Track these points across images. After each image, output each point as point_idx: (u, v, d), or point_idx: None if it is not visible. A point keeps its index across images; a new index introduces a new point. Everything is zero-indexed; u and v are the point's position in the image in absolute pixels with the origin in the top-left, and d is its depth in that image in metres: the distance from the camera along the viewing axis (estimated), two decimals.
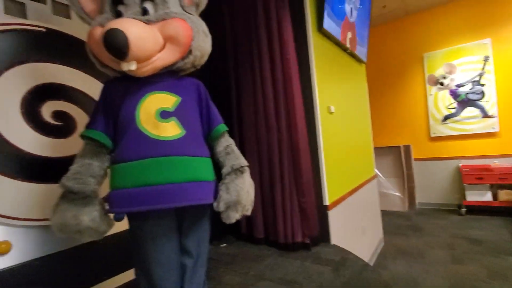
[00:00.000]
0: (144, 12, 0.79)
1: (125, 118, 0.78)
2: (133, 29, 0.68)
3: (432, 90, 3.47)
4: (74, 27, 1.19)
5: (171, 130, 0.78)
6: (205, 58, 0.90)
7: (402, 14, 3.51)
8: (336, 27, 1.72)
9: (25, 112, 1.02)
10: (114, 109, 0.81)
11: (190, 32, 0.79)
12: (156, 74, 0.82)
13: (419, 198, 3.65)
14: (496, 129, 3.12)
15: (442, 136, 3.45)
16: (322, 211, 1.49)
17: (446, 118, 3.40)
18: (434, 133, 3.49)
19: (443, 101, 3.42)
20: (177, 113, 0.80)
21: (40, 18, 1.12)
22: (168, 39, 0.77)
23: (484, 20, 3.13)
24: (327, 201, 1.50)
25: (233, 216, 0.85)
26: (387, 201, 3.63)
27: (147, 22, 0.75)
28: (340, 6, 1.75)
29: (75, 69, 1.18)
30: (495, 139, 3.17)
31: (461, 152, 3.34)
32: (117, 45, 0.66)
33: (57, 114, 1.10)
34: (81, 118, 1.16)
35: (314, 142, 1.52)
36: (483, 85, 3.17)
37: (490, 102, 3.14)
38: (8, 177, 0.95)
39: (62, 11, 1.18)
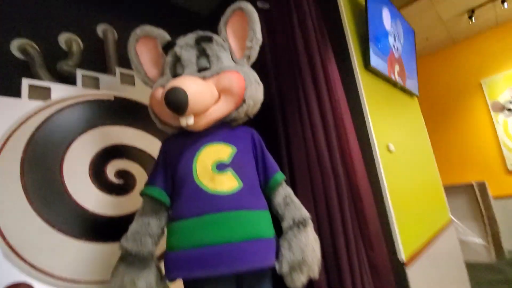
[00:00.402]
0: (200, 69, 0.83)
1: (182, 172, 0.77)
2: (191, 85, 0.70)
3: (499, 117, 3.08)
4: (138, 93, 1.32)
5: (228, 182, 0.75)
6: (258, 106, 0.89)
7: (449, 44, 3.35)
8: (382, 62, 1.67)
9: (92, 173, 1.09)
10: (172, 165, 0.81)
11: (243, 82, 0.80)
12: (211, 127, 0.82)
13: (507, 245, 3.00)
14: None
15: None
16: (398, 268, 1.26)
17: None
18: None
19: None
20: (233, 164, 0.77)
21: (110, 87, 1.26)
22: (223, 91, 0.78)
23: None
24: (403, 256, 1.27)
25: (298, 280, 0.74)
26: (468, 250, 3.05)
27: (204, 78, 0.78)
28: (384, 41, 1.72)
29: (138, 129, 1.28)
30: None
31: None
32: (177, 101, 0.68)
33: (119, 173, 1.15)
34: (140, 175, 1.20)
35: (377, 186, 1.36)
36: None
37: None
38: (73, 237, 0.98)
39: (128, 80, 1.32)
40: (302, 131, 1.51)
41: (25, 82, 1.03)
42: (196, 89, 0.71)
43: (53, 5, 1.28)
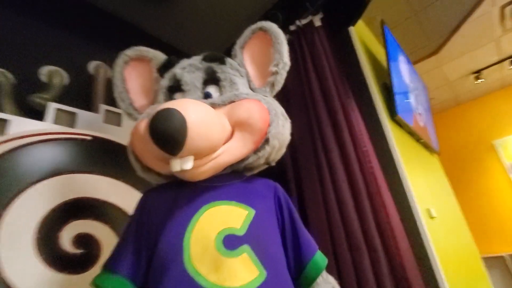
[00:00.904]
0: (207, 96, 0.60)
1: (166, 250, 0.47)
2: (193, 110, 0.46)
3: None
4: (124, 135, 1.08)
5: (243, 272, 0.45)
6: (283, 150, 0.64)
7: (453, 104, 3.33)
8: (407, 113, 1.49)
9: (40, 238, 0.77)
10: (151, 233, 0.52)
11: (267, 114, 0.56)
12: (216, 176, 0.55)
13: None
14: None
15: None
16: None
17: None
18: None
19: None
20: (250, 238, 0.48)
21: (90, 126, 1.02)
22: (238, 125, 0.54)
23: None
24: None
25: None
26: None
27: (212, 106, 0.54)
28: (406, 94, 1.58)
29: (118, 180, 0.99)
30: None
31: None
32: (168, 130, 0.42)
33: (80, 239, 0.83)
34: (109, 242, 0.88)
35: (426, 262, 1.03)
36: None
37: None
38: None
39: (113, 119, 1.09)
40: (322, 193, 1.22)
41: None
42: (201, 116, 0.47)
43: (37, 36, 1.13)
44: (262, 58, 0.68)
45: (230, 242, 0.47)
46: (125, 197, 0.98)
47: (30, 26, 1.11)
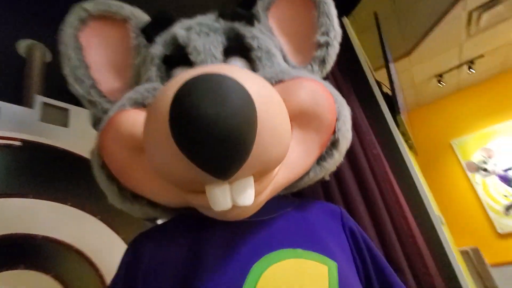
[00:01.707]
0: None
1: None
2: (257, 83, 0.23)
3: (477, 178, 3.07)
4: (72, 139, 0.77)
5: None
6: (342, 158, 0.43)
7: (414, 106, 3.49)
8: (402, 114, 1.41)
9: None
10: None
11: (333, 103, 0.35)
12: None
13: None
14: None
15: None
16: None
17: (509, 208, 2.87)
18: (501, 229, 2.87)
19: (495, 189, 2.96)
20: None
21: (19, 127, 0.70)
22: (299, 117, 0.33)
23: (508, 99, 3.07)
24: None
25: None
26: None
27: None
28: (400, 94, 1.51)
29: (62, 203, 0.69)
30: None
31: None
32: (229, 122, 0.20)
33: None
34: None
35: (452, 278, 0.92)
36: None
37: None
38: None
39: (57, 116, 0.78)
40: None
41: None
42: (271, 94, 0.27)
43: None
44: (300, 25, 0.47)
45: None
46: (77, 228, 0.68)
47: None
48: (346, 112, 0.39)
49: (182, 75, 0.24)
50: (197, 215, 0.33)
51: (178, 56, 0.39)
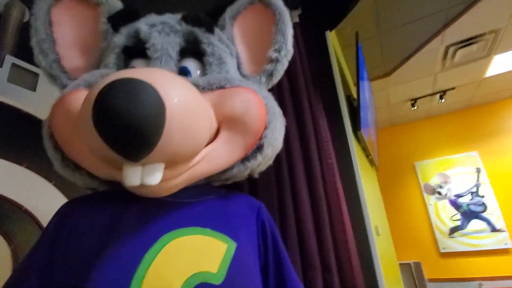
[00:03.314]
0: (183, 71, 0.42)
1: None
2: (175, 88, 0.29)
3: (431, 199, 3.32)
4: (38, 103, 0.79)
5: None
6: (271, 161, 0.50)
7: (387, 125, 3.68)
8: (365, 129, 1.52)
9: None
10: (71, 266, 0.33)
11: (265, 112, 0.42)
12: (181, 189, 0.38)
13: None
14: (510, 245, 2.85)
15: (453, 252, 3.08)
16: None
17: (453, 231, 3.12)
18: (444, 248, 3.13)
19: (445, 212, 3.22)
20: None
21: None
22: (229, 122, 0.39)
23: (470, 133, 3.32)
24: None
25: None
26: None
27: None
28: (365, 111, 1.61)
29: (18, 164, 0.71)
30: (510, 256, 2.86)
31: (479, 272, 2.93)
32: (136, 116, 0.26)
33: None
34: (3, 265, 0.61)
35: (373, 280, 1.03)
36: (482, 196, 3.08)
37: (495, 215, 2.97)
38: None
39: (25, 79, 0.79)
40: (280, 207, 1.11)
41: None
42: (187, 101, 0.31)
43: None
44: (259, 38, 0.53)
45: None
46: (29, 190, 0.71)
47: None
48: (277, 123, 0.45)
49: (110, 77, 0.29)
50: (126, 190, 0.37)
51: (137, 49, 0.44)
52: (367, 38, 2.05)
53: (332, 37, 1.62)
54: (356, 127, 1.35)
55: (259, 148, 0.42)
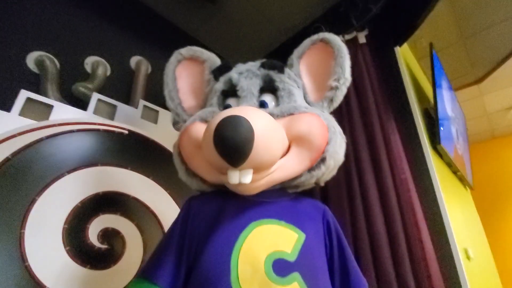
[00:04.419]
0: (263, 105, 0.57)
1: (211, 264, 0.44)
2: (259, 119, 0.43)
3: None
4: (159, 133, 1.07)
5: None
6: (335, 171, 0.59)
7: (488, 137, 3.16)
8: (449, 144, 1.41)
9: (67, 228, 0.75)
10: (193, 242, 0.49)
11: (326, 131, 0.52)
12: (265, 191, 0.52)
13: None
14: None
15: None
16: None
17: None
18: None
19: None
20: (301, 265, 0.45)
21: (127, 120, 1.02)
22: (297, 140, 0.51)
23: None
24: None
25: None
26: None
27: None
28: (447, 124, 1.50)
29: (147, 177, 0.98)
30: None
31: None
32: (237, 139, 0.41)
33: (106, 233, 0.81)
34: (132, 239, 0.85)
35: None
36: None
37: None
38: None
39: (150, 115, 1.09)
40: (352, 223, 1.14)
41: (23, 95, 0.80)
42: (267, 127, 0.44)
43: (85, 27, 1.14)
44: (321, 70, 0.65)
45: (281, 267, 0.43)
46: (153, 196, 0.96)
47: (79, 16, 1.13)
48: (337, 139, 0.54)
49: (220, 115, 0.45)
50: (227, 191, 0.52)
51: (231, 91, 0.60)
52: (449, 46, 1.91)
53: (404, 51, 1.59)
54: (435, 140, 1.29)
55: (322, 160, 0.52)
